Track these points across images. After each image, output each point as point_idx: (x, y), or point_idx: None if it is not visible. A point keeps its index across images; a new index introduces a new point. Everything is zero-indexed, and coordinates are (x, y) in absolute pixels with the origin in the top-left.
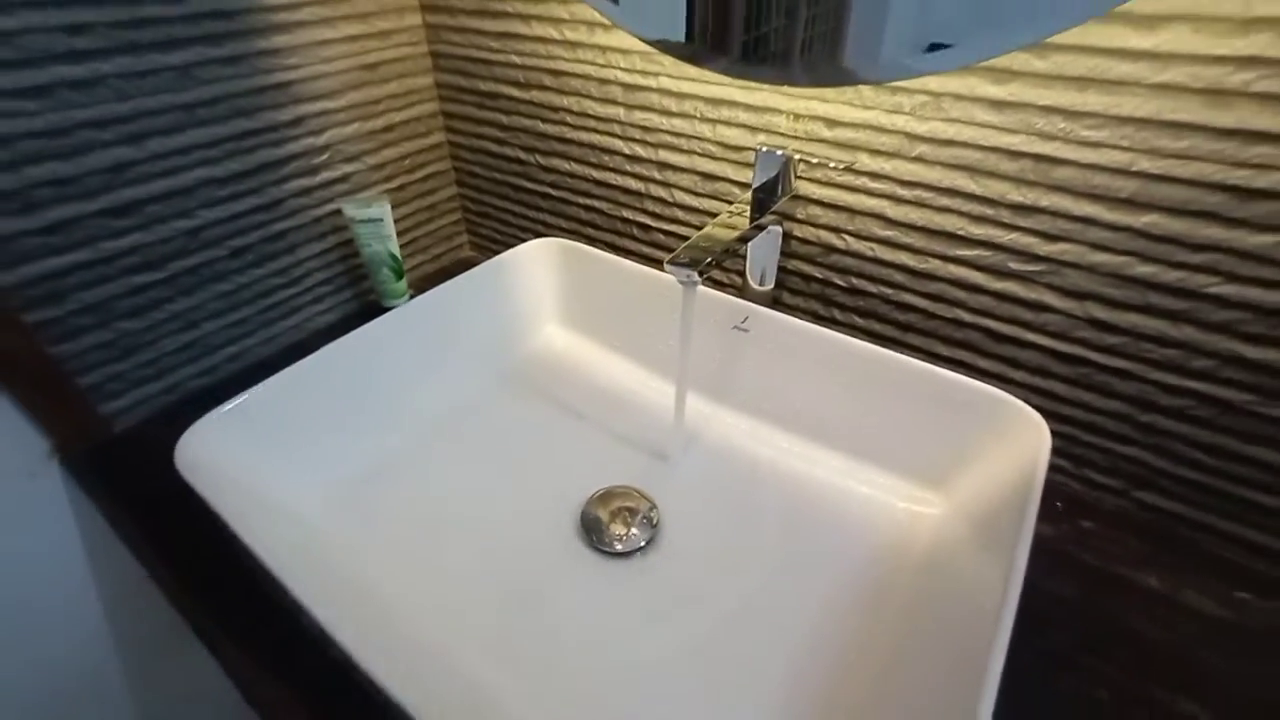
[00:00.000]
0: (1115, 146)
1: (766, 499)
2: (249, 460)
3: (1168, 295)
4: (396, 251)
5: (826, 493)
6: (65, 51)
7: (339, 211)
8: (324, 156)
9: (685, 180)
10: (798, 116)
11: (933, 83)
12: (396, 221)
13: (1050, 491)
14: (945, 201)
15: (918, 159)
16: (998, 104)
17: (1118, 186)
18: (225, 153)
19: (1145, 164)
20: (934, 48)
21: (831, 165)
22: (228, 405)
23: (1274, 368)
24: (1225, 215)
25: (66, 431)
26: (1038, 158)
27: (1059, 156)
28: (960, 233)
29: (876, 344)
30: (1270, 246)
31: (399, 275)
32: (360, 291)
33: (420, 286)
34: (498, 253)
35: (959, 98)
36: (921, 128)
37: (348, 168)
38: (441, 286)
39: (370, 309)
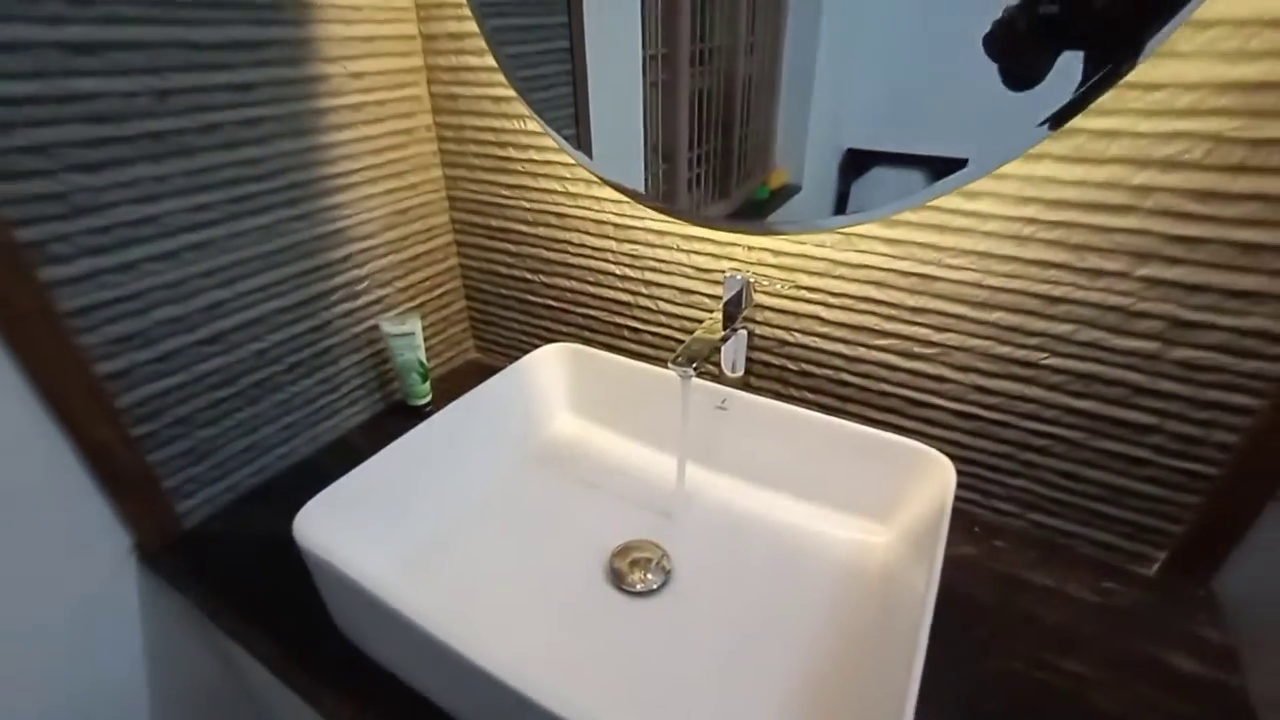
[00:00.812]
0: (968, 269)
1: (755, 542)
2: (342, 536)
3: (1019, 366)
4: (424, 359)
5: (799, 533)
6: (189, 224)
7: (375, 327)
8: (364, 284)
9: (666, 294)
10: (751, 248)
11: (831, 247)
12: None
13: (971, 519)
14: (863, 306)
15: (840, 277)
16: (890, 241)
17: (974, 294)
18: (291, 287)
19: (989, 280)
20: (837, 212)
21: (779, 285)
22: (331, 490)
23: (1092, 413)
24: (1042, 313)
25: (148, 530)
26: (921, 276)
27: (935, 275)
28: (877, 328)
29: (825, 413)
30: (1071, 332)
31: (424, 379)
32: (388, 393)
33: (437, 386)
34: (503, 354)
35: (863, 237)
36: (840, 256)
37: (382, 291)
38: (475, 390)
39: (397, 408)
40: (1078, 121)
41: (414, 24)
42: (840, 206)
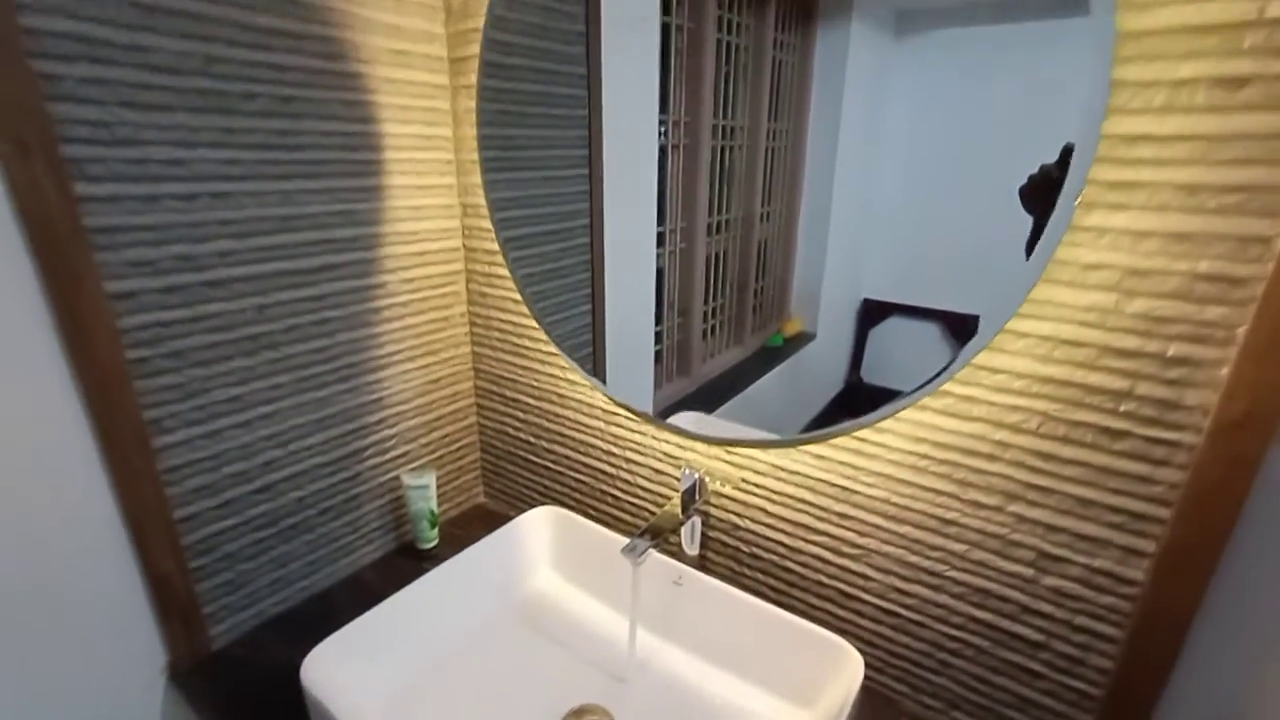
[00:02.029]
0: (879, 487)
1: (693, 715)
2: (340, 680)
3: (927, 575)
4: (435, 508)
5: (733, 711)
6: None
7: (397, 477)
8: (393, 441)
9: (643, 471)
10: (709, 444)
11: (771, 454)
12: None
13: (901, 711)
14: (798, 505)
15: (780, 479)
16: (818, 456)
17: (886, 509)
18: (333, 446)
19: (895, 499)
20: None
21: (724, 486)
22: (335, 637)
23: (992, 624)
24: (940, 531)
25: (182, 652)
26: (843, 488)
27: (854, 489)
28: (811, 525)
29: (774, 595)
30: (965, 551)
31: (433, 525)
32: (400, 534)
33: (445, 529)
34: (507, 502)
35: (800, 451)
36: (779, 461)
37: (407, 447)
38: (471, 548)
39: (406, 549)
40: (947, 386)
41: (459, 238)
42: (856, 358)
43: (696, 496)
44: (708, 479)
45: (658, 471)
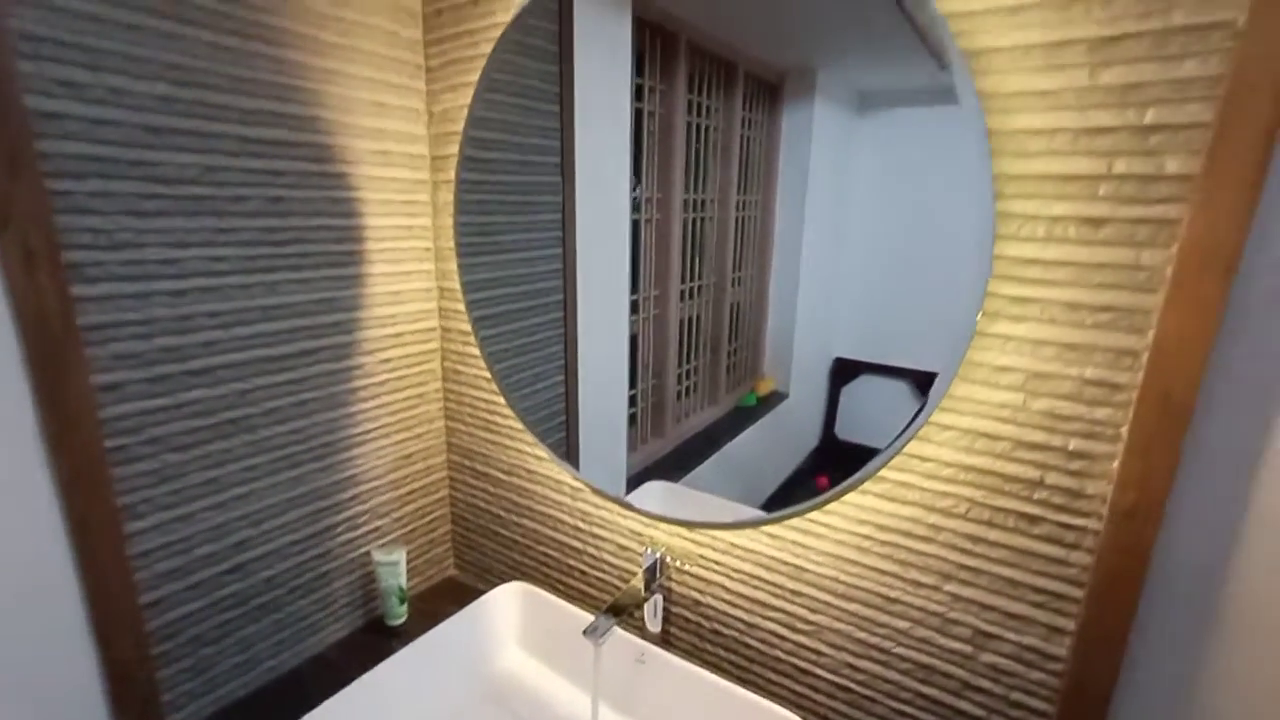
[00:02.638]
0: (828, 566)
1: None
2: None
3: (876, 651)
4: (404, 584)
5: None
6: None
7: (368, 554)
8: (365, 517)
9: (608, 547)
10: (672, 523)
11: (729, 533)
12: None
13: None
14: (755, 582)
15: (737, 557)
16: (771, 535)
17: (835, 586)
18: (305, 523)
19: (843, 577)
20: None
21: (688, 562)
22: None
23: (937, 699)
24: (884, 609)
25: None
26: (795, 566)
27: (805, 567)
28: (766, 601)
29: (733, 670)
30: (908, 628)
31: (402, 601)
32: (369, 610)
33: (415, 604)
34: (477, 575)
35: (756, 533)
36: (735, 540)
37: (379, 522)
38: (439, 626)
39: (375, 625)
40: (884, 472)
41: (436, 319)
42: (829, 415)
43: (658, 575)
44: (669, 558)
45: (623, 547)
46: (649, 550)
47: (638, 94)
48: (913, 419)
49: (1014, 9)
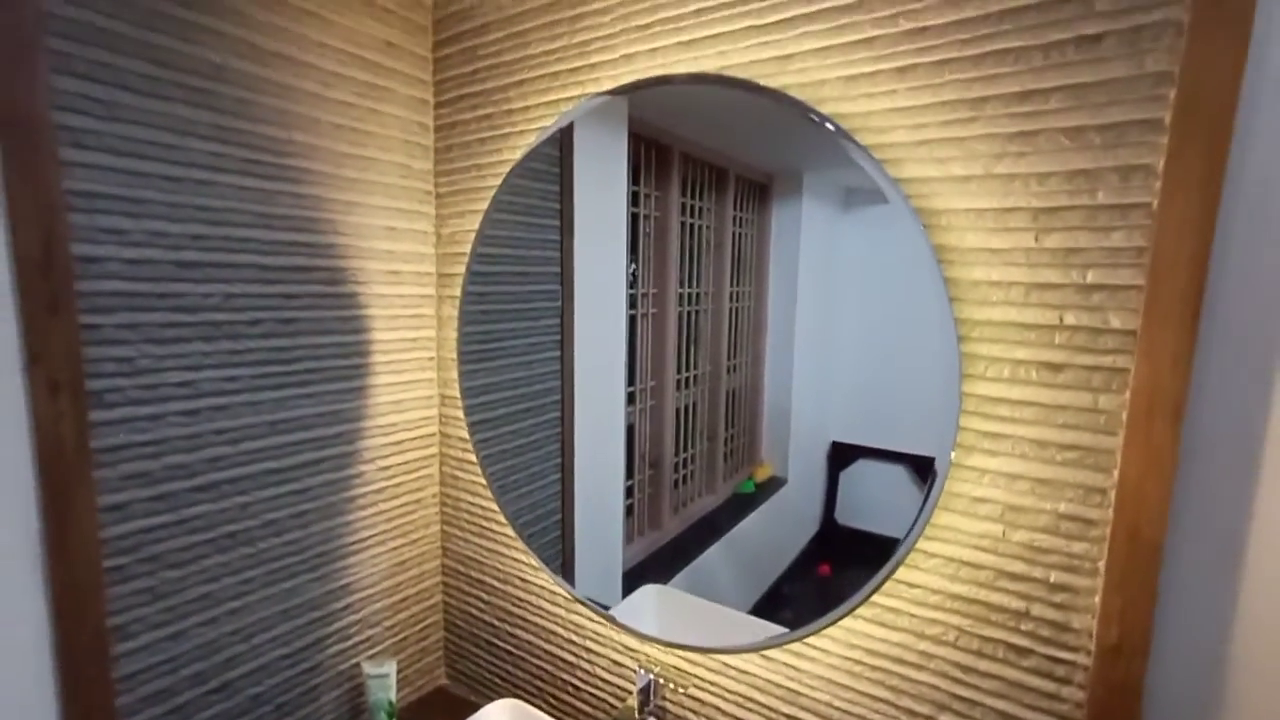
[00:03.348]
0: (821, 690)
1: None
2: None
3: None
4: (394, 699)
5: None
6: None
7: (358, 665)
8: (357, 627)
9: (602, 663)
10: (666, 646)
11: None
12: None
13: None
14: (747, 705)
15: (731, 679)
16: (765, 657)
17: (830, 712)
18: (295, 635)
19: (836, 703)
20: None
21: (681, 689)
22: None
23: None
24: None
25: None
26: (789, 689)
27: (799, 691)
28: None
29: None
30: None
31: (391, 716)
32: None
33: (405, 715)
34: (469, 686)
35: (750, 654)
36: (730, 660)
37: (370, 631)
38: None
39: None
40: (874, 598)
41: (436, 425)
42: (829, 501)
43: (653, 696)
44: (662, 680)
45: (616, 663)
46: (642, 670)
47: (634, 200)
48: (897, 551)
49: (964, 179)
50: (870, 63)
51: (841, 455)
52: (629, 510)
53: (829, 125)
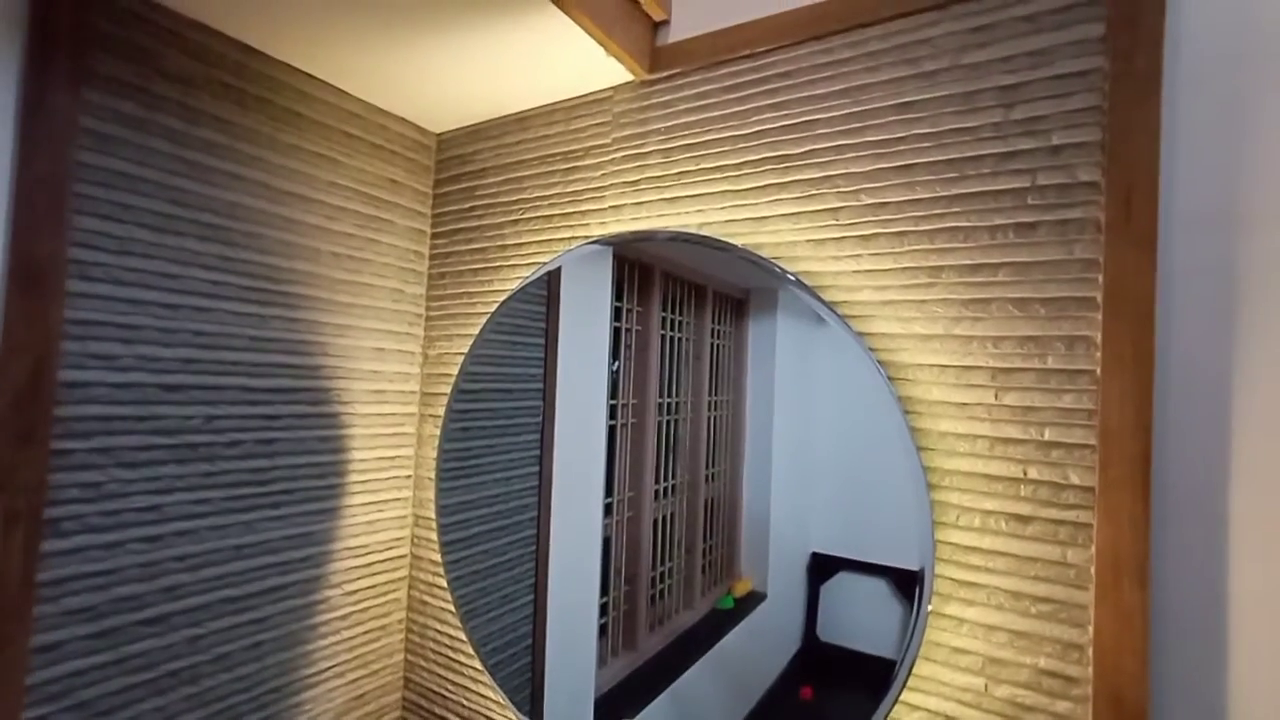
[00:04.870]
0: None
1: None
2: None
3: None
4: None
5: None
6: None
7: None
8: None
9: None
10: None
11: None
12: None
13: None
14: None
15: None
16: None
17: None
18: None
19: None
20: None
21: None
22: None
23: None
24: None
25: None
26: None
27: None
28: None
29: None
30: None
31: None
32: None
33: None
34: None
35: None
36: None
37: None
38: None
39: None
40: None
41: (408, 545)
42: (810, 616)
43: None
44: None
45: None
46: None
47: (616, 315)
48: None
49: (926, 337)
50: (837, 229)
51: (822, 567)
52: (603, 629)
53: (799, 289)
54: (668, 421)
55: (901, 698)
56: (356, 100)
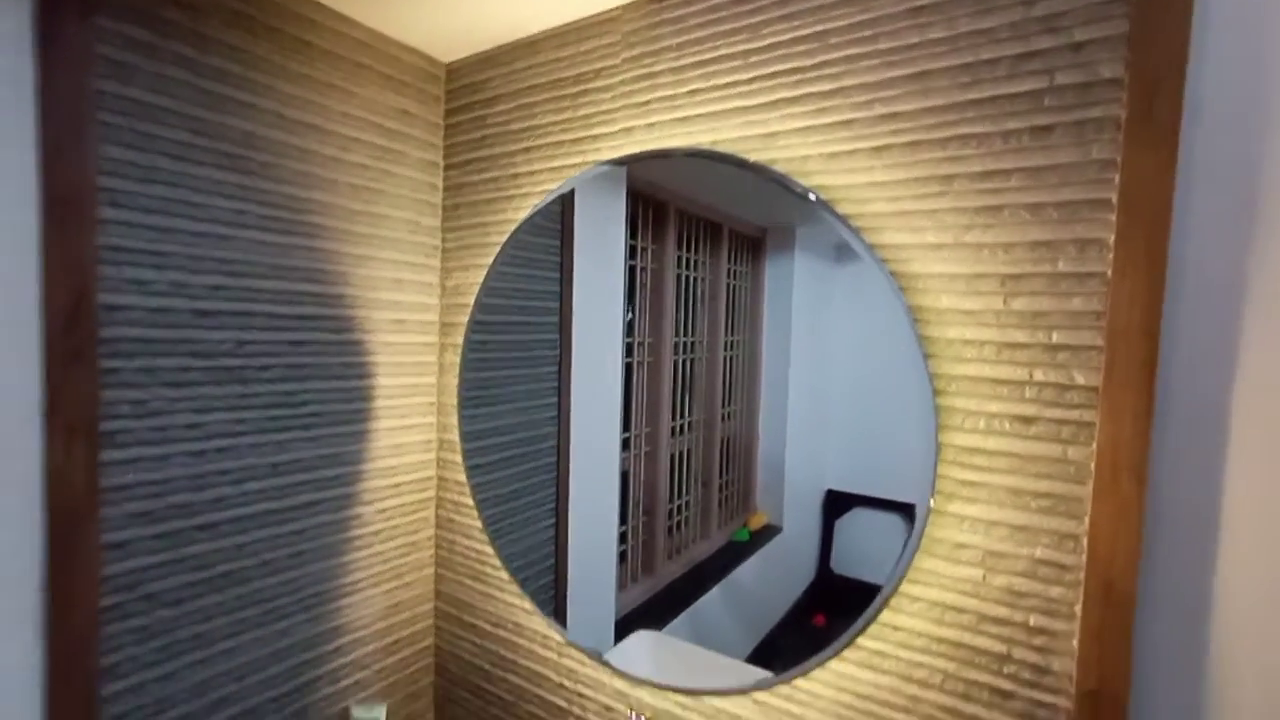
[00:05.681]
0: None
1: None
2: None
3: None
4: None
5: None
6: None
7: (346, 709)
8: (347, 669)
9: (594, 708)
10: (657, 687)
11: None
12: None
13: None
14: None
15: None
16: (756, 701)
17: None
18: (286, 678)
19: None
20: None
21: None
22: None
23: None
24: None
25: None
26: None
27: None
28: None
29: None
30: None
31: None
32: None
33: None
34: None
35: (742, 699)
36: (722, 705)
37: (361, 674)
38: None
39: None
40: (860, 640)
41: (434, 468)
42: (824, 549)
43: None
44: None
45: (607, 708)
46: (635, 715)
47: (631, 253)
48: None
49: (937, 246)
50: (849, 142)
51: (837, 503)
52: (622, 557)
53: (810, 196)
54: (684, 361)
55: (902, 589)
56: (365, 29)
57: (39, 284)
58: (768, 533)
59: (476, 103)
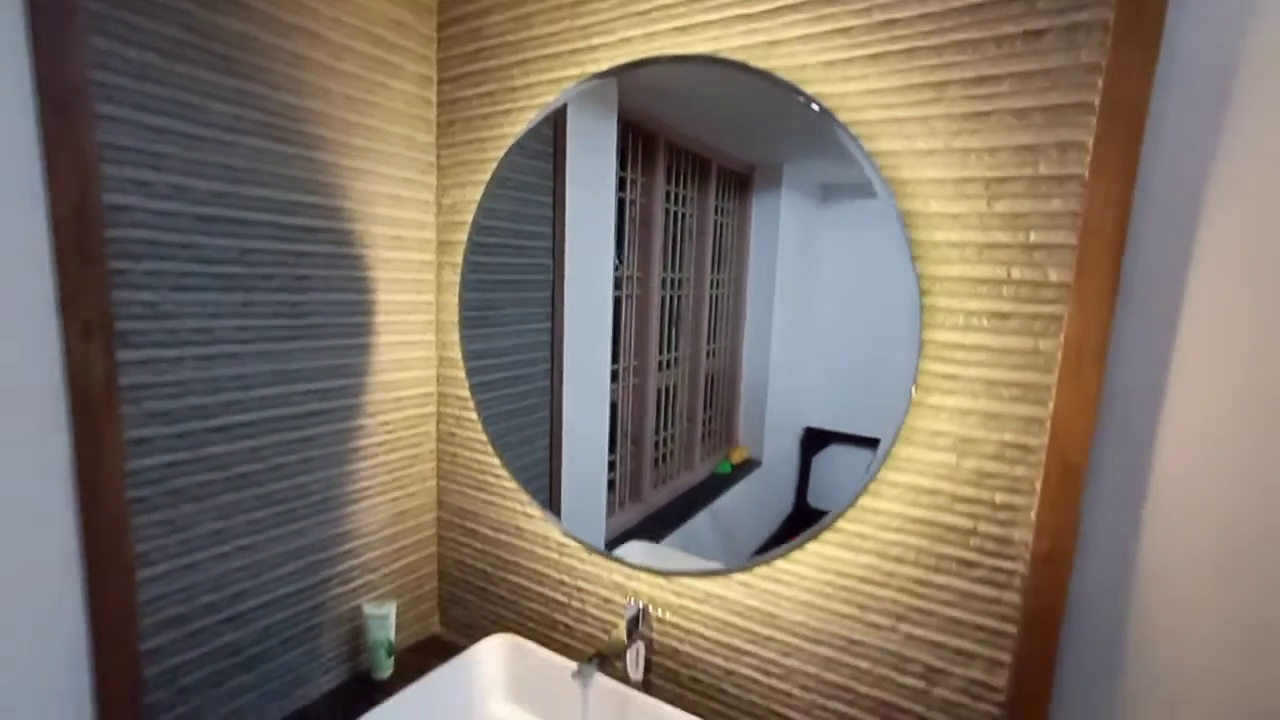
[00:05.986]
0: (797, 612)
1: None
2: None
3: (842, 690)
4: (393, 637)
5: None
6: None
7: (358, 607)
8: (358, 571)
9: (592, 600)
10: (653, 574)
11: (706, 583)
12: None
13: None
14: (729, 629)
15: (713, 605)
16: (744, 584)
17: (804, 630)
18: (301, 575)
19: (811, 621)
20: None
21: (669, 611)
22: None
23: None
24: (849, 649)
25: None
26: (767, 613)
27: (776, 613)
28: (741, 647)
29: (711, 717)
30: (870, 667)
31: (389, 654)
32: (355, 664)
33: (400, 659)
34: (462, 633)
35: (730, 581)
36: (712, 589)
37: (370, 576)
38: (427, 676)
39: (362, 678)
40: (841, 523)
41: (434, 385)
42: (802, 484)
43: (640, 624)
44: (651, 607)
45: (606, 600)
46: (632, 601)
47: (621, 185)
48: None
49: (927, 152)
50: (846, 49)
51: (814, 440)
52: (611, 484)
53: (814, 106)
54: (671, 297)
55: (881, 475)
56: None
57: (43, 178)
58: (748, 466)
59: (470, 14)
